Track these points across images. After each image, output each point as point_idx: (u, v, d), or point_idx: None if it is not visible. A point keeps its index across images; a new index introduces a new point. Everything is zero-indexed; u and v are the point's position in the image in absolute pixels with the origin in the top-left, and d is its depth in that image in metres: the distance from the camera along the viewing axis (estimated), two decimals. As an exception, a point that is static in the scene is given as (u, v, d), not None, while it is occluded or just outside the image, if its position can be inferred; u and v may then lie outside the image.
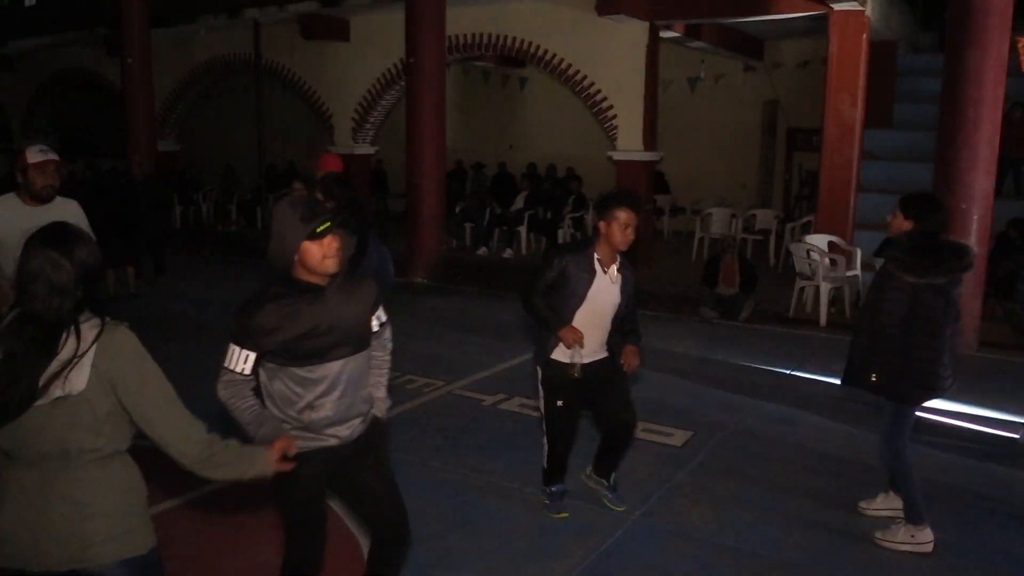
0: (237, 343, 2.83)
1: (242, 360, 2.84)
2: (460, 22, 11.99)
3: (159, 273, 11.12)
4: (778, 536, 4.40)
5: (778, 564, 4.14)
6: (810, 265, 9.15)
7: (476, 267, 12.04)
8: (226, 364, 2.86)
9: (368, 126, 14.27)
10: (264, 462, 2.58)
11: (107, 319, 2.36)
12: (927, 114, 10.39)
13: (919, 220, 4.11)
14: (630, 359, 4.24)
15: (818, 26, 10.52)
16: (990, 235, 8.36)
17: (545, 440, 4.53)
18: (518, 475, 5.08)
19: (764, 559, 4.18)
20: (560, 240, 12.63)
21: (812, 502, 4.78)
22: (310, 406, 2.90)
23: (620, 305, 4.26)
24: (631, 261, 4.40)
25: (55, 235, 2.34)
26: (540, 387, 4.40)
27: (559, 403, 4.34)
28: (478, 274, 11.61)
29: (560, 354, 4.24)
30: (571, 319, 4.15)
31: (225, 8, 14.34)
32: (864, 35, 9.77)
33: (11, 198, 4.58)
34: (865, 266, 9.11)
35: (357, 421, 3.04)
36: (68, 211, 4.57)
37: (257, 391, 2.95)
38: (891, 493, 4.54)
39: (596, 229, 4.24)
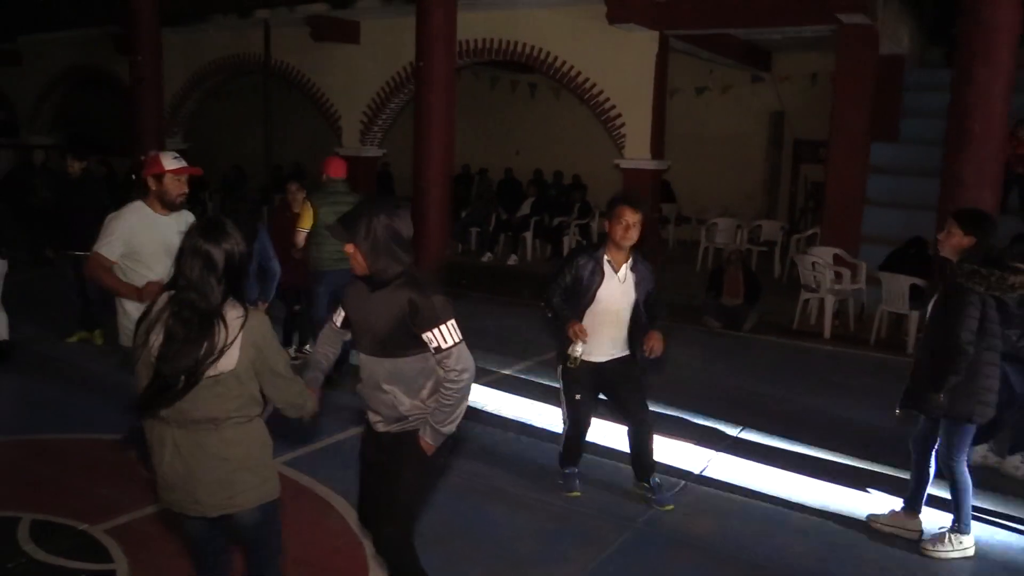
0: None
1: (338, 314, 3.35)
2: (470, 27, 12.02)
3: None
4: (782, 545, 4.40)
5: (782, 573, 4.15)
6: (815, 277, 9.16)
7: (481, 272, 12.05)
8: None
9: (376, 129, 14.31)
10: (312, 403, 3.09)
11: (247, 306, 2.79)
12: (934, 129, 10.41)
13: (982, 235, 4.09)
14: (653, 343, 4.47)
15: (827, 39, 10.56)
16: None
17: (564, 428, 4.87)
18: (522, 480, 5.09)
19: (767, 569, 4.19)
20: (566, 247, 12.64)
21: (818, 512, 4.78)
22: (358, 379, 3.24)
23: (636, 302, 4.49)
24: (644, 256, 4.60)
25: (210, 229, 2.75)
26: (560, 380, 4.73)
27: (577, 396, 4.65)
28: (483, 279, 11.62)
29: (598, 354, 4.52)
30: (581, 316, 4.43)
31: (235, 8, 14.37)
32: (873, 49, 9.80)
33: (141, 207, 4.50)
34: (870, 279, 9.12)
35: (379, 419, 3.22)
36: (188, 220, 4.49)
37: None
38: (901, 511, 4.51)
39: (605, 231, 4.48)
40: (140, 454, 4.49)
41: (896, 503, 4.61)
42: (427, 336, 3.01)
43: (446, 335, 3.02)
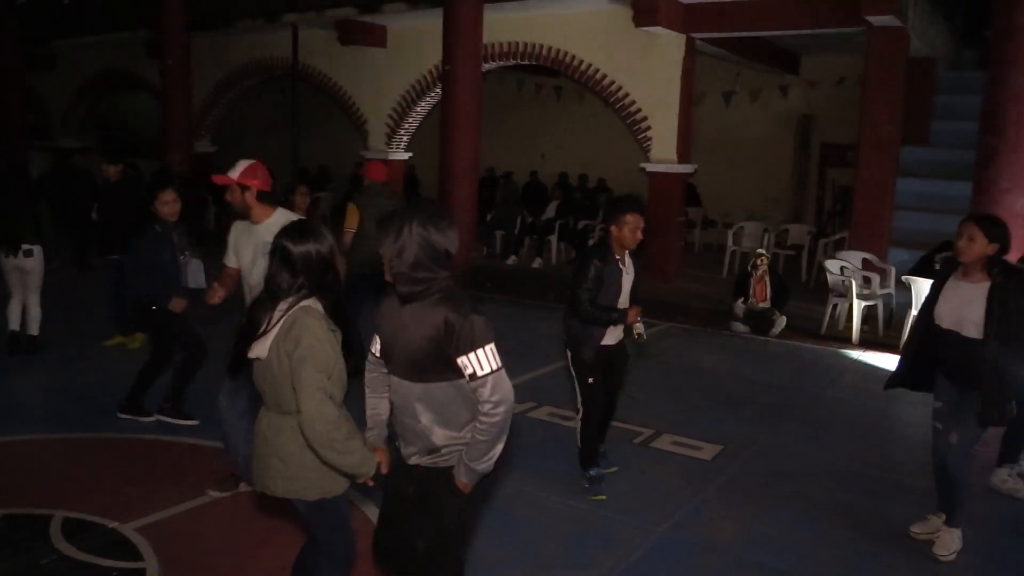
0: None
1: (375, 341, 3.11)
2: (496, 30, 12.04)
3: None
4: (808, 553, 4.36)
5: (808, 582, 4.12)
6: (843, 282, 9.07)
7: (506, 275, 12.07)
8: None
9: (402, 132, 14.37)
10: (371, 463, 2.94)
11: (308, 304, 2.92)
12: (965, 132, 10.27)
13: (1005, 243, 4.08)
14: (635, 314, 4.95)
15: (856, 41, 10.46)
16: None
17: (580, 418, 4.97)
18: (547, 484, 5.09)
19: (795, 574, 4.16)
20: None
21: (843, 519, 4.74)
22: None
23: (633, 284, 5.01)
24: (638, 256, 5.11)
25: (292, 230, 3.00)
26: (573, 370, 4.95)
27: (590, 380, 4.91)
28: (508, 282, 11.63)
29: (609, 338, 4.90)
30: (625, 308, 4.90)
31: (264, 13, 14.51)
32: (903, 51, 9.70)
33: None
34: (900, 284, 9.01)
35: (413, 451, 3.00)
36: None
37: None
38: (937, 518, 4.48)
39: (608, 232, 4.85)
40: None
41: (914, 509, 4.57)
42: (462, 361, 2.77)
43: (483, 361, 2.77)
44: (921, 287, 8.23)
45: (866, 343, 8.78)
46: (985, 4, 9.92)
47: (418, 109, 14.09)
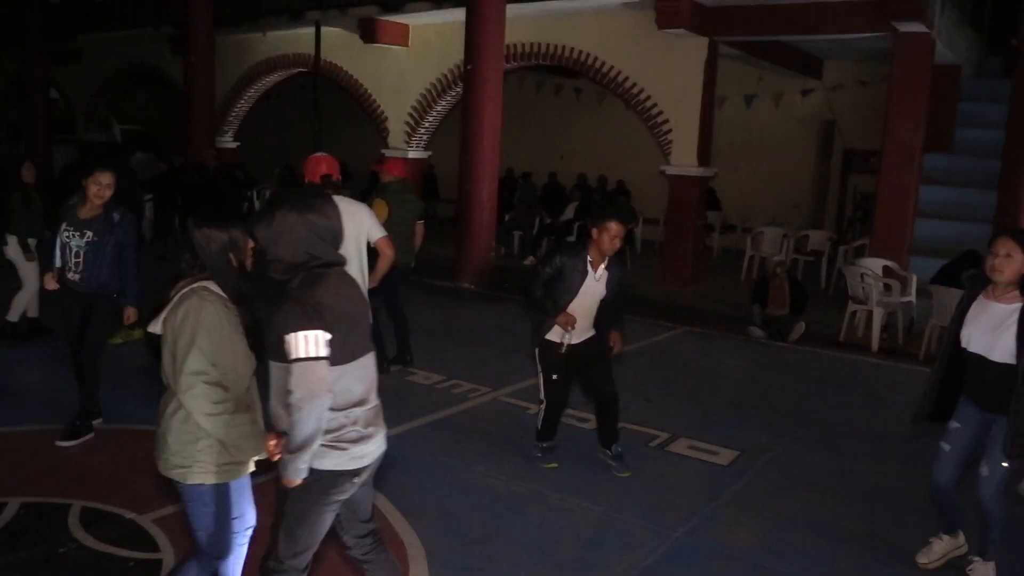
0: None
1: None
2: (518, 31, 12.04)
3: None
4: (825, 562, 4.32)
5: (824, 590, 4.09)
6: (863, 289, 9.00)
7: (523, 276, 12.03)
8: None
9: (422, 131, 14.40)
10: (259, 447, 3.06)
11: (204, 284, 2.95)
12: (990, 140, 10.18)
13: None
14: (617, 343, 5.10)
15: (880, 46, 10.38)
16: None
17: (542, 407, 5.28)
18: (562, 485, 5.08)
19: (810, 584, 4.13)
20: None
21: (860, 529, 4.70)
22: None
23: (605, 298, 5.02)
24: (621, 262, 5.25)
25: (203, 210, 3.12)
26: (538, 363, 5.16)
27: (554, 377, 5.13)
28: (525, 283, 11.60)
29: (554, 335, 5.02)
30: (564, 308, 4.92)
31: (288, 10, 14.59)
32: (928, 58, 9.62)
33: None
34: (921, 292, 8.94)
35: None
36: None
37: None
38: (946, 537, 4.32)
39: (588, 234, 4.94)
40: None
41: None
42: (284, 340, 2.68)
43: (296, 344, 2.63)
44: (942, 296, 8.16)
45: (885, 351, 8.71)
46: (1012, 12, 9.83)
47: (438, 108, 14.11)
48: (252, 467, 3.13)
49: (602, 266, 4.95)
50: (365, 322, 2.96)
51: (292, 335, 2.64)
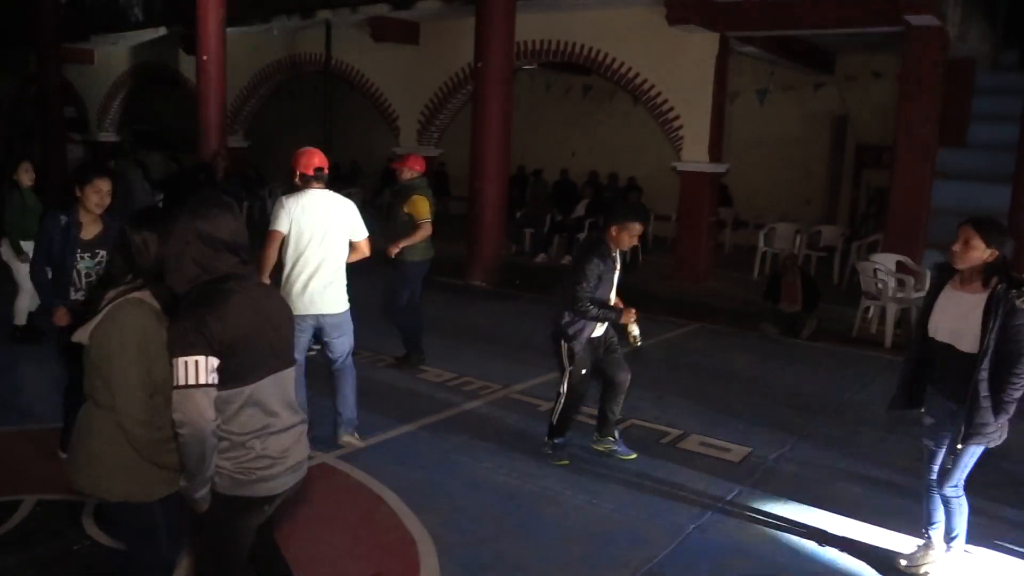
0: None
1: None
2: (528, 28, 12.02)
3: None
4: (835, 559, 4.30)
5: (837, 588, 4.07)
6: (877, 285, 8.95)
7: (534, 273, 12.06)
8: None
9: (433, 129, 14.41)
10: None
11: (138, 296, 2.75)
12: (1004, 135, 10.07)
13: (1003, 248, 3.73)
14: (629, 316, 5.19)
15: (893, 41, 10.31)
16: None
17: (562, 401, 5.34)
18: (572, 482, 5.08)
19: (822, 582, 4.11)
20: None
21: (873, 527, 4.67)
22: None
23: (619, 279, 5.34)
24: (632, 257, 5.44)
25: (138, 214, 2.94)
26: (566, 360, 5.27)
27: (584, 371, 5.29)
28: (536, 280, 11.63)
29: (598, 330, 5.27)
30: (610, 303, 5.25)
31: (299, 10, 14.62)
32: (942, 51, 9.53)
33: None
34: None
35: None
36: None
37: None
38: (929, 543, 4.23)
39: (607, 230, 5.15)
40: None
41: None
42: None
43: (177, 371, 2.52)
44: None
45: (899, 347, 8.64)
46: (1027, 4, 9.74)
47: (449, 106, 14.12)
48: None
49: (617, 253, 5.27)
50: (276, 337, 2.75)
51: (176, 360, 2.52)
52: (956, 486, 3.96)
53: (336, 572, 3.95)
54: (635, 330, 5.23)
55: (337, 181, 7.92)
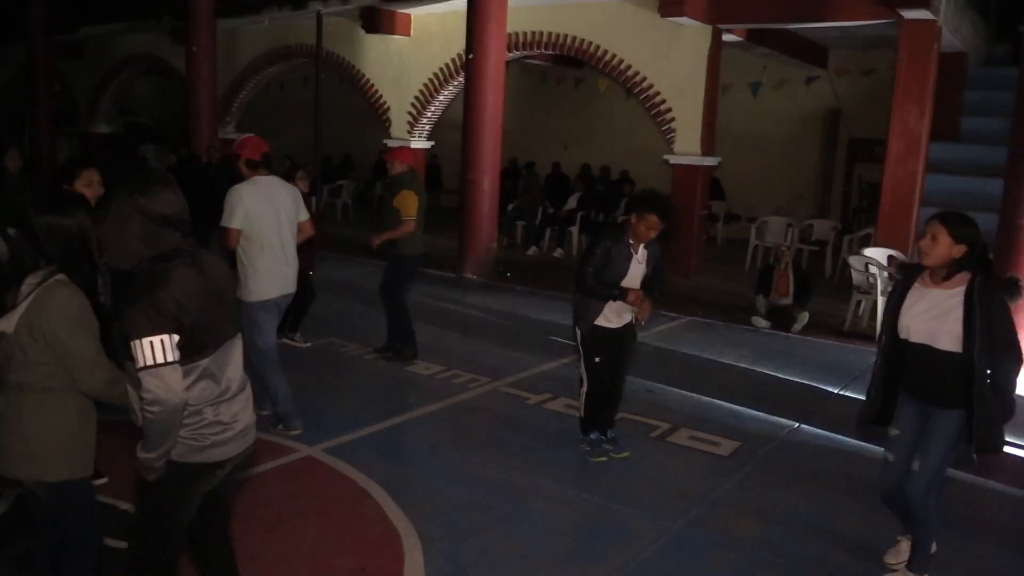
0: None
1: None
2: (520, 20, 11.96)
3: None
4: (824, 553, 4.27)
5: (825, 582, 4.04)
6: (868, 279, 8.93)
7: (526, 266, 12.01)
8: None
9: (424, 121, 14.33)
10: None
11: (55, 279, 2.76)
12: (996, 128, 10.05)
13: (973, 243, 3.62)
14: (644, 309, 5.07)
15: (886, 34, 10.28)
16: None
17: (584, 392, 5.27)
18: (560, 476, 5.04)
19: (811, 575, 4.08)
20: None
21: (862, 520, 4.64)
22: None
23: (645, 276, 5.11)
24: (662, 244, 5.24)
25: (42, 199, 2.90)
26: (580, 348, 5.21)
27: (597, 360, 5.17)
28: (528, 273, 11.59)
29: (603, 320, 5.11)
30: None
31: (290, 0, 14.52)
32: (935, 45, 9.50)
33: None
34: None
35: None
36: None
37: None
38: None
39: (628, 218, 5.02)
40: None
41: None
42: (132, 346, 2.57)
43: (141, 352, 2.52)
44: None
45: (890, 341, 8.63)
46: (1020, -2, 9.72)
47: (441, 98, 14.04)
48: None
49: (641, 247, 5.07)
50: (223, 308, 2.78)
51: (137, 342, 2.52)
52: (922, 495, 3.77)
53: (320, 566, 3.91)
54: (637, 311, 5.11)
55: (328, 173, 7.86)
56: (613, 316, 5.12)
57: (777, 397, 6.84)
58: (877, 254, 9.37)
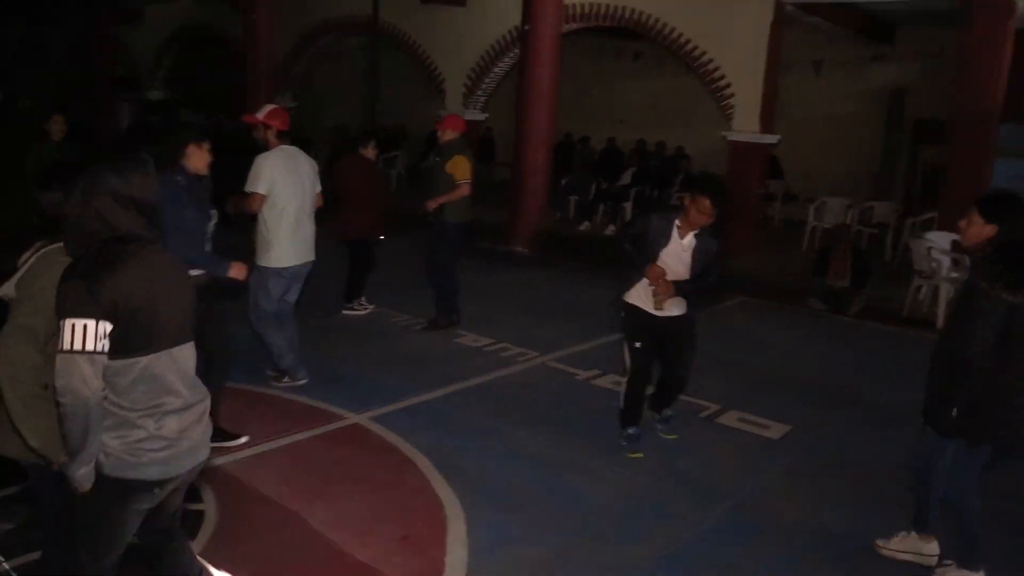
0: None
1: None
2: (578, -9, 11.79)
3: None
4: (870, 545, 4.15)
5: (872, 569, 3.94)
6: (930, 264, 8.67)
7: (578, 241, 11.92)
8: None
9: (479, 93, 14.26)
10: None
11: (56, 246, 2.67)
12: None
13: (1005, 225, 3.47)
14: (663, 287, 4.67)
15: (957, 10, 9.88)
16: None
17: (626, 379, 5.00)
18: (605, 454, 5.00)
19: (855, 562, 3.99)
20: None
21: (911, 513, 4.51)
22: None
23: (690, 268, 4.74)
24: (716, 235, 4.84)
25: (46, 176, 2.94)
26: (623, 331, 4.97)
27: (637, 344, 4.89)
28: (579, 248, 11.50)
29: (635, 297, 4.85)
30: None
31: (347, -31, 14.55)
32: (1010, 23, 9.12)
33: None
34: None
35: None
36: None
37: None
38: (913, 534, 4.03)
39: (683, 198, 4.74)
40: None
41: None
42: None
43: (64, 334, 2.33)
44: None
45: (950, 328, 8.38)
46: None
47: (496, 70, 13.95)
48: None
49: (691, 234, 4.71)
50: (178, 308, 2.58)
51: (63, 321, 2.33)
52: (955, 489, 3.74)
53: (364, 533, 3.93)
54: (658, 294, 4.73)
55: (383, 144, 7.90)
56: (648, 299, 4.80)
57: (831, 382, 6.69)
58: (940, 238, 9.07)
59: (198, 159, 4.45)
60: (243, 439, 4.82)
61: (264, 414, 5.23)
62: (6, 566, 3.24)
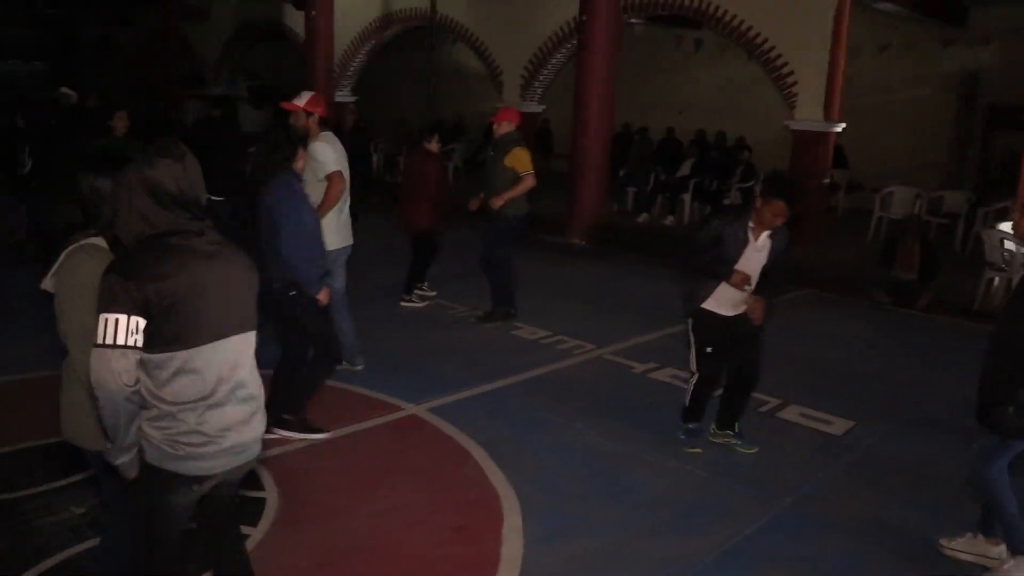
0: None
1: None
2: (637, -20, 11.65)
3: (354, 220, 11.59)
4: (932, 545, 4.01)
5: (938, 570, 3.82)
6: (1004, 255, 8.36)
7: (636, 233, 11.81)
8: None
9: (537, 84, 14.22)
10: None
11: (93, 241, 2.66)
12: None
13: None
14: (756, 310, 4.63)
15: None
16: None
17: (693, 381, 4.90)
18: (663, 447, 4.95)
19: (925, 564, 3.87)
20: (725, 211, 12.18)
21: (975, 517, 4.36)
22: None
23: (765, 266, 4.65)
24: (789, 228, 4.72)
25: (91, 163, 2.80)
26: (691, 334, 4.83)
27: (708, 349, 4.78)
28: (637, 240, 11.39)
29: (710, 303, 4.69)
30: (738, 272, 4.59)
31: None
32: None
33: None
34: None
35: None
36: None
37: None
38: (980, 536, 3.91)
39: (755, 200, 4.64)
40: None
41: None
42: None
43: (97, 328, 2.33)
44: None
45: (1025, 322, 8.07)
46: None
47: (554, 61, 13.89)
48: None
49: (764, 234, 4.60)
50: (225, 300, 2.50)
51: (99, 316, 2.33)
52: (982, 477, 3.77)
53: (419, 523, 3.96)
54: (747, 306, 4.64)
55: (442, 136, 7.91)
56: (725, 302, 4.67)
57: (896, 378, 6.51)
58: (1014, 228, 8.74)
59: (303, 162, 4.75)
60: (326, 434, 4.83)
61: (323, 404, 5.30)
62: None
